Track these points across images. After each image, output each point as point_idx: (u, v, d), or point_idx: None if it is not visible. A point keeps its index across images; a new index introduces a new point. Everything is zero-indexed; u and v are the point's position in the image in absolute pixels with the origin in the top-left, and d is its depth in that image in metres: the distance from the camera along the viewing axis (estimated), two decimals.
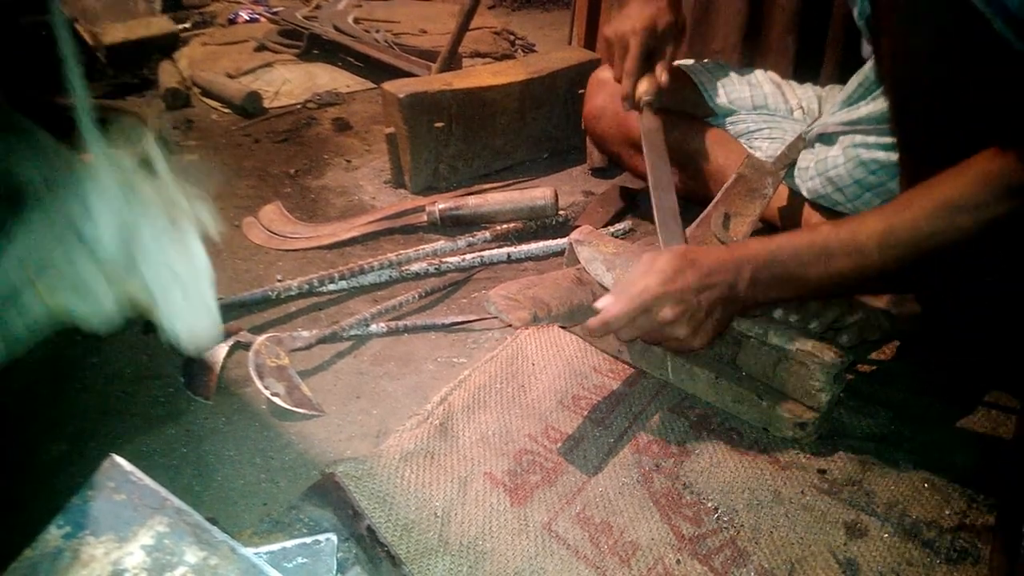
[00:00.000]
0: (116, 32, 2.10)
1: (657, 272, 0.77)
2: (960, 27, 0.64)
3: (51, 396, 0.95)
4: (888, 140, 0.96)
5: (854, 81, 1.03)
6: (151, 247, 0.75)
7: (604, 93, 1.30)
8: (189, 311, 0.77)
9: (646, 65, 1.13)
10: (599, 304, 0.80)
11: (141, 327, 1.05)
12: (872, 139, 0.99)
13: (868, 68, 0.99)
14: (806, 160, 1.11)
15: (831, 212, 1.09)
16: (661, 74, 1.12)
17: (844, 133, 1.04)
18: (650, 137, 1.08)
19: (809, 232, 0.79)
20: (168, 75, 2.00)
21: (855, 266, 0.72)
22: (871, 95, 0.99)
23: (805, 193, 1.11)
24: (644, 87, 1.11)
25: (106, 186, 0.74)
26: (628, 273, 0.82)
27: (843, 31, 1.34)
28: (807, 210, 1.14)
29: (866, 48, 1.06)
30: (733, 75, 1.25)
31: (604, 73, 1.32)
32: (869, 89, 0.99)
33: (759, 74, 1.26)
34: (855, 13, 0.93)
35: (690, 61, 1.30)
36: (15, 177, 0.76)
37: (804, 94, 1.23)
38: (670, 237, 0.96)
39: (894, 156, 0.94)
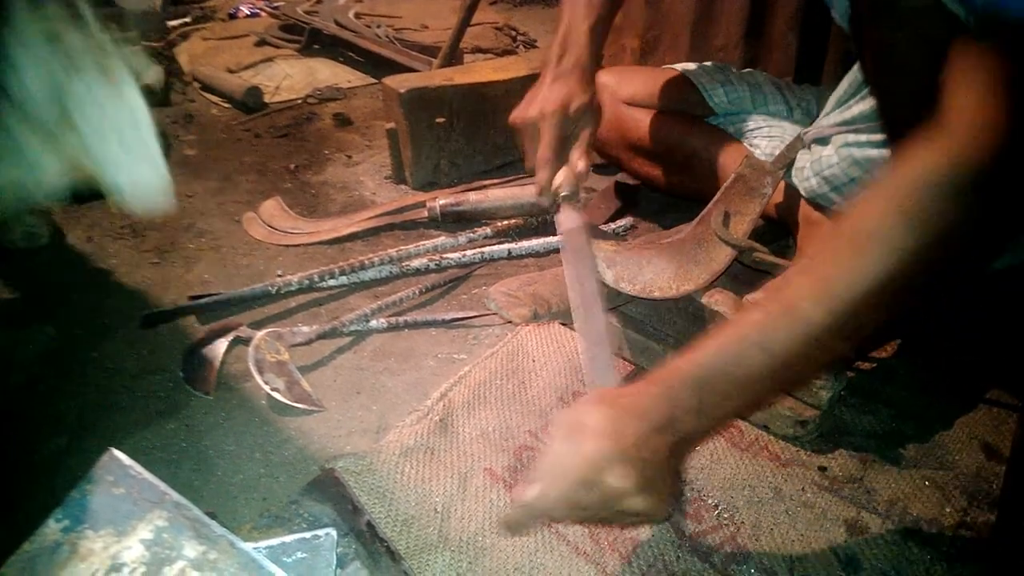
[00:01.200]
0: None
1: (592, 433, 0.59)
2: (935, 26, 0.63)
3: (51, 390, 0.95)
4: (880, 138, 0.96)
5: (845, 81, 1.03)
6: (85, 100, 0.70)
7: (603, 97, 1.29)
8: (133, 164, 0.73)
9: (561, 153, 0.99)
10: (520, 495, 0.60)
11: (140, 321, 1.05)
12: (864, 137, 0.99)
13: (857, 68, 0.99)
14: (803, 160, 1.10)
15: (829, 211, 1.09)
16: (578, 162, 0.98)
17: (838, 132, 1.04)
18: (571, 239, 0.93)
19: (736, 325, 0.61)
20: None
21: (804, 339, 0.57)
22: (861, 93, 0.99)
23: (803, 193, 1.11)
24: (561, 179, 0.96)
25: (31, 38, 0.68)
26: (552, 446, 0.61)
27: (844, 30, 1.34)
28: (805, 208, 1.14)
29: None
30: (732, 75, 1.25)
31: (603, 78, 1.31)
32: (859, 87, 0.99)
33: (758, 74, 1.26)
34: (835, 15, 0.93)
35: (691, 65, 1.30)
36: None
37: (803, 94, 1.23)
38: (600, 373, 0.77)
39: (887, 153, 0.94)
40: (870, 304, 0.56)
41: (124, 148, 0.72)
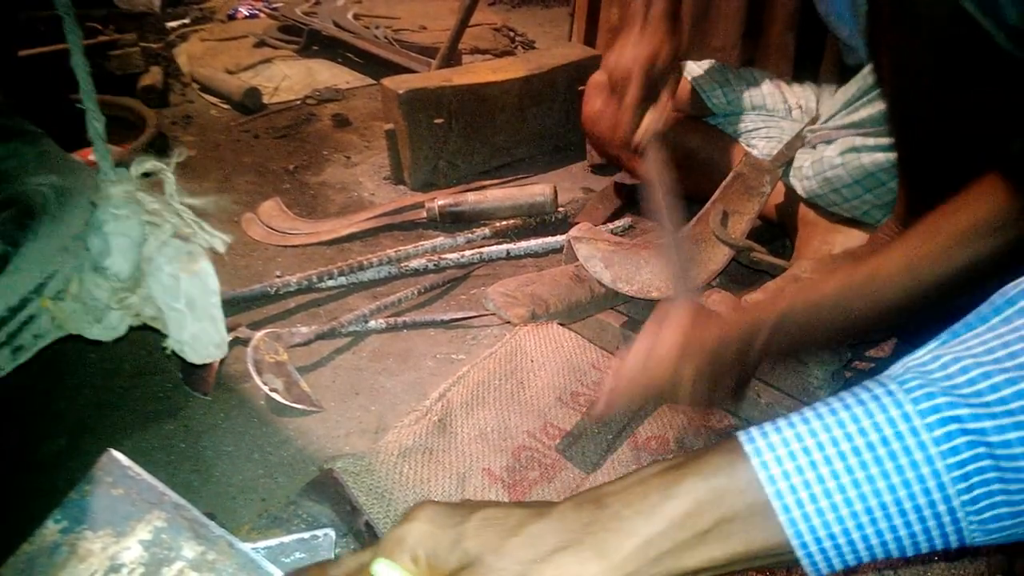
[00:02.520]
0: None
1: (661, 356, 0.70)
2: (961, 41, 0.64)
3: (50, 391, 0.95)
4: (888, 141, 0.96)
5: (853, 84, 1.03)
6: (159, 263, 0.75)
7: (602, 97, 1.30)
8: (197, 327, 0.78)
9: (650, 96, 1.07)
10: (604, 394, 0.72)
11: None
12: (872, 141, 0.99)
13: (867, 72, 0.99)
14: (801, 160, 1.10)
15: (826, 212, 1.09)
16: (665, 104, 1.07)
17: (844, 135, 1.04)
18: (661, 175, 1.02)
19: (822, 284, 0.69)
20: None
21: (875, 311, 0.66)
22: (868, 97, 0.99)
23: (801, 192, 1.11)
24: (650, 118, 1.05)
25: (116, 200, 0.74)
26: (642, 334, 0.73)
27: None
28: (803, 209, 1.14)
29: (850, 56, 1.07)
30: (731, 75, 1.25)
31: (602, 76, 1.32)
32: (867, 91, 0.99)
33: (757, 74, 1.26)
34: (834, 25, 0.93)
35: (690, 65, 1.30)
36: (25, 188, 0.76)
37: (802, 93, 1.23)
38: (686, 288, 0.88)
39: (894, 157, 0.94)
40: (940, 293, 0.62)
41: (191, 313, 0.78)
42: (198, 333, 0.79)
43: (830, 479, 0.32)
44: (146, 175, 0.77)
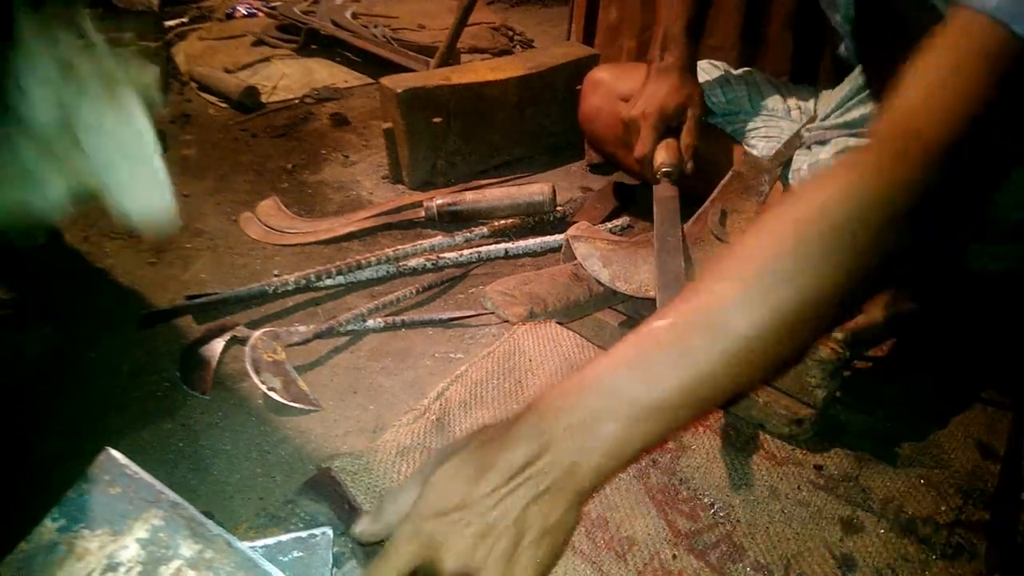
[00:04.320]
0: None
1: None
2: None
3: (48, 390, 0.95)
4: None
5: (847, 84, 1.04)
6: (92, 122, 0.70)
7: (599, 94, 1.30)
8: (138, 185, 0.73)
9: (659, 143, 1.11)
10: (358, 529, 0.59)
11: (137, 321, 1.05)
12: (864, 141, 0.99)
13: (859, 72, 0.99)
14: (799, 161, 1.11)
15: None
16: (684, 140, 1.11)
17: (838, 135, 1.05)
18: (664, 204, 1.04)
19: (643, 337, 0.52)
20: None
21: (724, 354, 0.49)
22: (859, 97, 0.99)
23: None
24: (663, 156, 1.09)
25: (41, 65, 0.68)
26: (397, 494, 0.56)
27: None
28: None
29: (843, 48, 1.07)
30: (730, 75, 1.25)
31: (599, 74, 1.32)
32: (858, 91, 1.00)
33: (756, 74, 1.26)
34: (837, 17, 0.93)
35: None
36: None
37: (801, 93, 1.23)
38: (670, 299, 0.82)
39: None
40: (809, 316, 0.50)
41: (129, 170, 0.72)
42: (142, 197, 0.74)
43: None
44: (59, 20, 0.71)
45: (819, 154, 1.06)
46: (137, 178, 0.73)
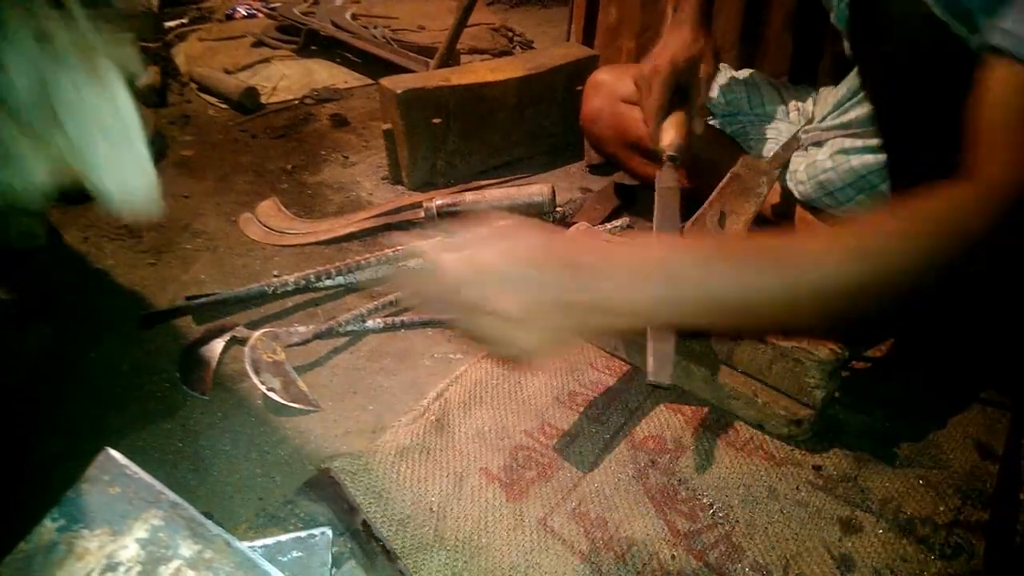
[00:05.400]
0: None
1: (521, 242, 0.58)
2: (926, 35, 0.64)
3: (48, 390, 0.95)
4: (876, 142, 0.96)
5: (844, 85, 1.04)
6: (72, 100, 0.68)
7: (601, 95, 1.30)
8: (120, 164, 0.70)
9: (674, 104, 1.04)
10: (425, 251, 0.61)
11: (137, 321, 1.05)
12: (861, 142, 0.99)
13: (856, 72, 0.99)
14: (796, 163, 1.11)
15: (823, 215, 1.10)
16: (691, 123, 1.04)
17: (835, 136, 1.05)
18: (664, 196, 0.99)
19: (711, 249, 0.60)
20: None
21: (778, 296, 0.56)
22: (857, 98, 0.99)
23: (797, 195, 1.12)
24: (670, 136, 1.02)
25: (19, 36, 0.66)
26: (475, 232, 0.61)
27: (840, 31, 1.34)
28: (800, 210, 1.14)
29: (847, 45, 1.07)
30: (729, 75, 1.26)
31: (601, 75, 1.32)
32: (856, 92, 1.00)
33: (756, 75, 1.27)
34: (832, 17, 0.94)
35: None
36: None
37: (799, 95, 1.24)
38: None
39: (882, 158, 0.94)
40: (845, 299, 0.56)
41: (111, 150, 0.71)
42: (124, 179, 0.73)
43: None
44: None
45: (816, 156, 1.06)
46: (118, 155, 0.71)
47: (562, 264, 0.56)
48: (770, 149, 1.16)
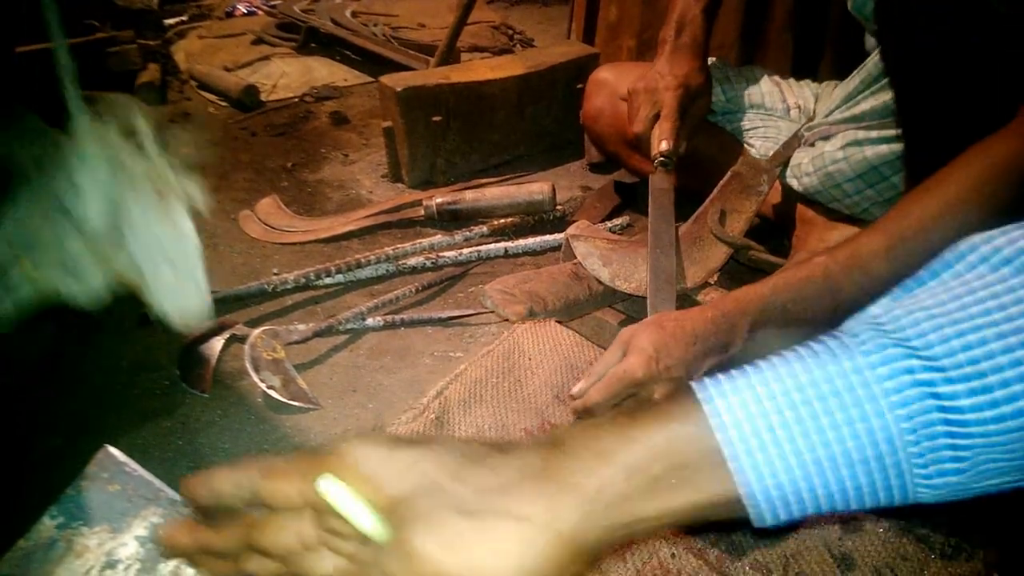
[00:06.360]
0: None
1: (638, 351, 0.67)
2: (959, 8, 0.64)
3: (47, 388, 0.95)
4: (891, 133, 0.96)
5: (856, 77, 1.03)
6: (139, 223, 0.72)
7: (603, 94, 1.30)
8: (178, 288, 0.75)
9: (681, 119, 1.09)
10: (578, 388, 0.71)
11: (137, 319, 1.04)
12: (875, 133, 0.99)
13: (871, 63, 0.99)
14: (800, 157, 1.10)
15: (826, 208, 1.09)
16: (687, 134, 1.09)
17: (844, 129, 1.04)
18: (658, 197, 1.04)
19: (804, 267, 0.66)
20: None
21: (863, 290, 0.62)
22: (871, 89, 0.99)
23: (800, 190, 1.11)
24: (667, 145, 1.06)
25: (93, 162, 0.70)
26: (605, 355, 0.71)
27: (842, 27, 1.34)
28: (801, 207, 1.14)
29: (869, 41, 1.06)
30: (730, 73, 1.25)
31: (603, 74, 1.32)
32: (870, 84, 0.99)
33: (756, 72, 1.26)
34: (850, 5, 0.93)
35: None
36: (2, 158, 0.74)
37: (801, 92, 1.23)
38: (661, 302, 0.88)
39: (897, 149, 0.94)
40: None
41: (171, 272, 0.74)
42: (179, 294, 0.77)
43: (779, 428, 0.32)
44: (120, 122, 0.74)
45: (824, 148, 1.06)
46: (176, 281, 0.75)
47: None
48: (770, 147, 1.16)
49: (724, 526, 0.75)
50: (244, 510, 0.37)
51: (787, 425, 0.32)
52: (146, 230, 0.73)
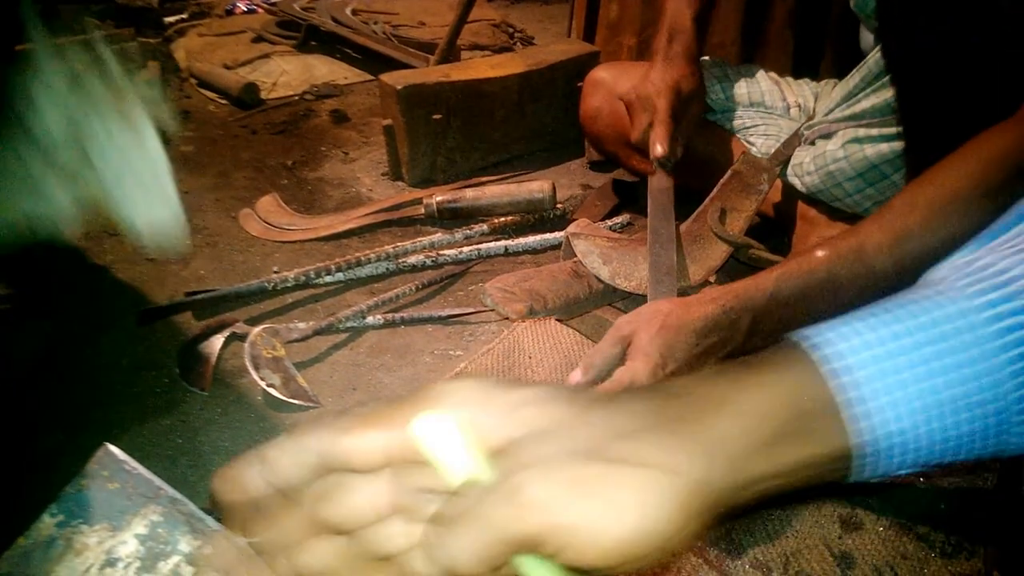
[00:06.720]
0: None
1: (644, 356, 0.66)
2: (960, 7, 0.64)
3: (47, 387, 0.95)
4: (891, 131, 0.96)
5: (856, 75, 1.03)
6: (103, 139, 0.71)
7: (600, 94, 1.30)
8: (148, 203, 0.74)
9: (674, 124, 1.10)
10: (574, 380, 0.70)
11: (136, 318, 1.04)
12: (876, 131, 0.99)
13: (871, 61, 0.99)
14: (801, 156, 1.10)
15: (828, 207, 1.09)
16: (684, 136, 1.11)
17: (845, 128, 1.04)
18: (658, 197, 1.04)
19: (806, 261, 0.65)
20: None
21: (866, 286, 0.62)
22: (872, 88, 0.99)
23: (802, 189, 1.11)
24: (662, 149, 1.07)
25: (52, 79, 0.69)
26: (600, 346, 0.70)
27: (842, 26, 1.34)
28: (802, 206, 1.14)
29: (865, 39, 1.06)
30: (730, 71, 1.25)
31: (600, 73, 1.32)
32: (871, 82, 0.99)
33: (756, 70, 1.26)
34: (852, 3, 0.93)
35: None
36: None
37: (801, 91, 1.23)
38: (662, 295, 0.88)
39: (897, 147, 0.94)
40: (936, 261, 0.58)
41: (140, 188, 0.73)
42: (152, 216, 0.75)
43: (905, 371, 0.31)
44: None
45: (825, 147, 1.06)
46: (145, 193, 0.74)
47: None
48: (770, 145, 1.16)
49: (723, 526, 0.75)
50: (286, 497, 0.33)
51: (907, 368, 0.31)
52: (110, 145, 0.71)
